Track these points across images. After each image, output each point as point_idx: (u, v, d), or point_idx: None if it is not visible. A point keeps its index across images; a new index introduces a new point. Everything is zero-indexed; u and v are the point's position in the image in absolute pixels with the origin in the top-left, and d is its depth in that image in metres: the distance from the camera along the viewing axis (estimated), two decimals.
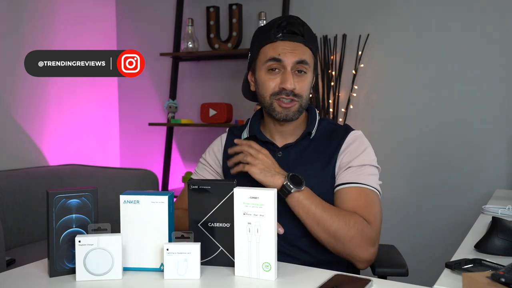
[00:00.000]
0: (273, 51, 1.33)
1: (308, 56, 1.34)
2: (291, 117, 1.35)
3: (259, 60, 1.36)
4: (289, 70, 1.32)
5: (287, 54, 1.32)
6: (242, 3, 2.86)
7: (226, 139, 1.50)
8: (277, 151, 1.39)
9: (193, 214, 1.14)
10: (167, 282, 1.05)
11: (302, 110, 1.36)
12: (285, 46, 1.32)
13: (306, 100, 1.36)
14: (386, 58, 2.56)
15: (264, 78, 1.35)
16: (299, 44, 1.33)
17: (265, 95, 1.35)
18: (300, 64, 1.32)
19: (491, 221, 1.23)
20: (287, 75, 1.31)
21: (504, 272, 0.82)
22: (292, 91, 1.32)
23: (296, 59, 1.32)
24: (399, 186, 2.52)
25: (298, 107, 1.35)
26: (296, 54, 1.32)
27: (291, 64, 1.32)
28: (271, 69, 1.34)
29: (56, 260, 1.08)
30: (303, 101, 1.35)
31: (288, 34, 1.33)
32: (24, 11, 2.72)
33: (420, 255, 2.41)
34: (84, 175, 2.66)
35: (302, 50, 1.33)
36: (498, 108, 2.33)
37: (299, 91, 1.33)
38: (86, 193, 1.09)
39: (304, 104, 1.36)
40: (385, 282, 1.04)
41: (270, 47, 1.34)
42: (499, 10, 2.32)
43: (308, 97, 1.37)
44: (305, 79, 1.34)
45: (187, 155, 3.18)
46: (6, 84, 2.62)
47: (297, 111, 1.35)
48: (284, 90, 1.32)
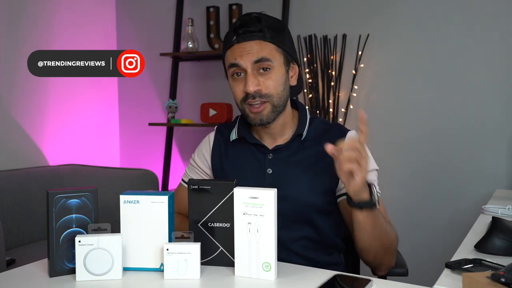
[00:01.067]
0: (231, 57, 1.28)
1: (268, 51, 1.26)
2: (266, 121, 1.28)
3: (226, 67, 1.33)
4: (250, 72, 1.26)
5: (243, 56, 1.25)
6: (242, 3, 2.86)
7: (214, 138, 1.45)
8: (267, 153, 1.34)
9: (193, 214, 1.14)
10: (167, 282, 1.05)
11: (276, 109, 1.28)
12: (240, 49, 1.26)
13: (278, 98, 1.28)
14: (386, 58, 2.56)
15: (231, 85, 1.32)
16: (257, 42, 1.26)
17: (236, 102, 1.32)
18: (260, 63, 1.25)
19: (491, 221, 1.23)
20: (248, 78, 1.25)
21: (504, 272, 0.82)
22: (257, 92, 1.26)
23: (254, 58, 1.25)
24: (399, 186, 2.52)
25: (271, 108, 1.27)
26: (252, 53, 1.25)
27: (250, 66, 1.25)
28: (234, 75, 1.29)
29: (56, 260, 1.08)
30: (275, 100, 1.27)
31: (243, 35, 1.27)
32: (24, 11, 2.72)
33: (420, 255, 2.41)
34: (84, 175, 2.66)
35: (260, 47, 1.26)
36: (498, 108, 2.33)
37: (266, 90, 1.26)
38: (86, 193, 1.09)
39: (277, 103, 1.28)
40: (385, 282, 1.04)
41: (229, 52, 1.30)
42: (499, 10, 2.31)
43: (282, 94, 1.29)
44: (271, 76, 1.26)
45: (187, 155, 3.18)
46: (6, 84, 2.63)
47: (270, 113, 1.28)
48: (249, 94, 1.26)
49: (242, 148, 1.38)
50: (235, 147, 1.40)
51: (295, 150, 1.34)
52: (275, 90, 1.27)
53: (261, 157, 1.34)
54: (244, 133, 1.37)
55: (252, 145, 1.36)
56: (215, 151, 1.43)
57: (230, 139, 1.40)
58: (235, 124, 1.42)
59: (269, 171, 1.32)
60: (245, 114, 1.31)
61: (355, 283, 1.01)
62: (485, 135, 2.36)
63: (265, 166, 1.33)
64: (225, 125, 1.47)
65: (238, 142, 1.39)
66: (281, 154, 1.33)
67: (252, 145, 1.36)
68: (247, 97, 1.27)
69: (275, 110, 1.29)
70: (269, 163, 1.32)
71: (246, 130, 1.38)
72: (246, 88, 1.26)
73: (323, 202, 1.29)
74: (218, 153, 1.42)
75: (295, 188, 1.29)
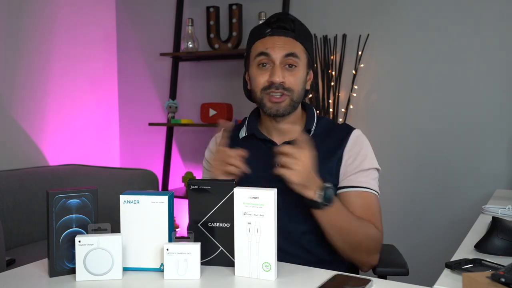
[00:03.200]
0: (262, 46, 1.33)
1: (298, 50, 1.33)
2: (282, 112, 1.33)
3: (251, 56, 1.37)
4: (278, 64, 1.31)
5: (275, 48, 1.31)
6: (242, 3, 2.86)
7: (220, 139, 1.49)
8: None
9: (193, 214, 1.14)
10: (167, 282, 1.05)
11: (294, 105, 1.34)
12: (274, 41, 1.32)
13: (298, 95, 1.34)
14: (386, 58, 2.56)
15: (254, 73, 1.35)
16: (289, 39, 1.33)
17: (256, 90, 1.35)
18: (289, 58, 1.31)
19: (491, 221, 1.23)
20: (276, 69, 1.31)
21: (504, 272, 0.82)
22: (281, 84, 1.31)
23: (285, 52, 1.31)
24: (399, 186, 2.52)
25: (289, 102, 1.33)
26: (284, 48, 1.31)
27: (280, 58, 1.31)
28: (261, 64, 1.33)
29: (56, 260, 1.07)
30: (294, 96, 1.33)
31: (278, 29, 1.33)
32: (24, 12, 2.72)
33: (420, 255, 2.41)
34: (84, 175, 2.66)
35: (292, 44, 1.33)
36: (498, 108, 2.33)
37: (289, 84, 1.31)
38: (86, 193, 1.09)
39: (295, 99, 1.34)
40: (385, 282, 1.04)
41: (260, 42, 1.34)
42: (499, 10, 2.31)
43: (301, 93, 1.36)
44: (296, 73, 1.33)
45: (187, 155, 3.18)
46: (6, 84, 2.63)
47: (288, 106, 1.33)
48: (273, 84, 1.31)
49: (251, 143, 1.42)
50: (244, 144, 1.42)
51: None
52: (297, 86, 1.33)
53: (270, 151, 1.37)
54: (254, 130, 1.42)
55: (261, 141, 1.40)
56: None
57: (239, 136, 1.45)
58: (244, 123, 1.47)
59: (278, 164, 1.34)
60: (262, 103, 1.35)
61: (355, 283, 1.01)
62: (485, 135, 2.36)
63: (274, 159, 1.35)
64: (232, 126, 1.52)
65: (247, 139, 1.43)
66: None
67: (261, 141, 1.40)
68: (269, 87, 1.32)
69: (292, 104, 1.34)
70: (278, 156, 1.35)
71: (255, 127, 1.43)
72: (273, 78, 1.30)
73: None
74: None
75: None
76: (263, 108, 1.35)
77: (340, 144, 1.36)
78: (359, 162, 1.34)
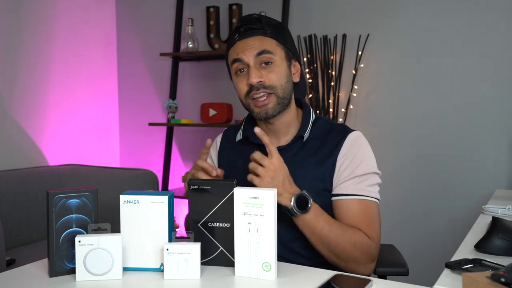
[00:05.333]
0: (234, 53, 1.32)
1: (270, 45, 1.30)
2: (271, 113, 1.30)
3: (229, 66, 1.36)
4: (252, 65, 1.28)
5: (245, 51, 1.29)
6: (242, 3, 2.86)
7: (220, 141, 1.49)
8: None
9: (193, 214, 1.14)
10: (167, 282, 1.05)
11: (281, 101, 1.30)
12: (243, 44, 1.30)
13: (282, 90, 1.30)
14: (386, 58, 2.56)
15: (235, 81, 1.34)
16: (257, 37, 1.30)
17: (241, 98, 1.33)
18: (262, 56, 1.28)
19: (491, 221, 1.23)
20: (251, 71, 1.28)
21: (504, 272, 0.82)
22: (261, 84, 1.28)
23: (255, 51, 1.28)
24: (399, 186, 2.52)
25: (276, 100, 1.29)
26: (254, 47, 1.29)
27: (253, 59, 1.28)
28: (238, 71, 1.32)
29: (56, 260, 1.07)
30: (279, 92, 1.29)
31: (245, 32, 1.31)
32: (24, 12, 2.72)
33: (420, 255, 2.41)
34: (84, 175, 2.66)
35: (261, 42, 1.30)
36: (498, 108, 2.33)
37: (269, 82, 1.28)
38: (86, 193, 1.09)
39: (281, 95, 1.30)
40: (385, 282, 1.04)
41: (232, 50, 1.33)
42: (499, 10, 2.32)
43: (286, 87, 1.31)
44: (273, 69, 1.29)
45: (187, 155, 3.18)
46: (6, 84, 2.63)
47: (276, 105, 1.29)
48: (253, 86, 1.28)
49: (246, 148, 1.39)
50: (240, 148, 1.42)
51: (296, 151, 1.34)
52: (279, 81, 1.30)
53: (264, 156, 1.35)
54: (248, 133, 1.39)
55: (255, 145, 1.37)
56: (222, 152, 1.47)
57: (236, 140, 1.43)
58: (241, 126, 1.45)
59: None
60: (250, 109, 1.33)
61: (355, 283, 1.01)
62: (485, 135, 2.36)
63: None
64: (231, 128, 1.51)
65: (243, 143, 1.42)
66: (283, 155, 1.32)
67: (255, 145, 1.37)
68: (250, 90, 1.29)
69: (280, 102, 1.30)
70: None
71: (250, 130, 1.39)
72: (250, 80, 1.28)
73: (322, 202, 1.29)
74: (225, 154, 1.46)
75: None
76: (253, 114, 1.34)
77: (335, 148, 1.31)
78: (353, 168, 1.29)
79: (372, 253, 1.25)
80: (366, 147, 1.34)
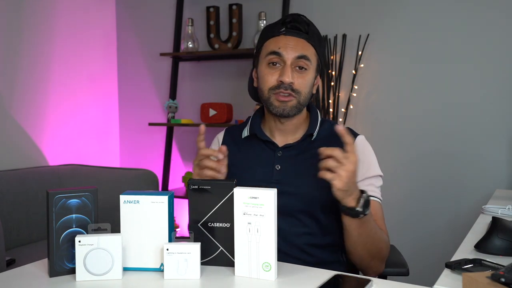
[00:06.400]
0: (275, 45, 1.32)
1: (310, 53, 1.32)
2: (287, 112, 1.32)
3: (262, 54, 1.36)
4: (289, 64, 1.30)
5: (288, 48, 1.30)
6: (242, 3, 2.86)
7: (223, 138, 1.49)
8: (277, 151, 1.37)
9: (193, 214, 1.14)
10: (167, 282, 1.05)
11: (300, 107, 1.33)
12: (287, 41, 1.31)
13: (305, 98, 1.33)
14: (386, 58, 2.56)
15: (264, 71, 1.34)
16: (302, 40, 1.32)
17: (264, 89, 1.34)
18: (301, 60, 1.30)
19: (491, 221, 1.23)
20: (286, 69, 1.30)
21: (504, 272, 0.82)
22: (290, 85, 1.30)
23: (297, 54, 1.30)
24: (399, 186, 2.52)
25: (296, 103, 1.32)
26: (297, 49, 1.30)
27: (291, 59, 1.30)
28: (271, 63, 1.32)
29: (56, 260, 1.07)
30: (301, 98, 1.32)
31: (291, 30, 1.32)
32: (24, 11, 2.72)
33: (420, 255, 2.41)
34: (84, 175, 2.66)
35: (304, 46, 1.32)
36: (498, 108, 2.33)
37: (297, 86, 1.31)
38: (86, 193, 1.09)
39: (302, 101, 1.33)
40: (385, 282, 1.04)
41: (273, 41, 1.33)
42: (499, 9, 2.32)
43: (308, 96, 1.35)
44: (305, 76, 1.32)
45: (187, 155, 3.18)
46: (6, 84, 2.63)
47: (294, 107, 1.32)
48: (282, 84, 1.29)
49: (252, 144, 1.41)
50: (246, 144, 1.43)
51: (304, 149, 1.37)
52: (305, 89, 1.33)
53: (271, 154, 1.37)
54: (256, 130, 1.41)
55: (262, 142, 1.39)
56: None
57: (242, 136, 1.44)
58: (248, 122, 1.46)
59: (278, 167, 1.35)
60: (269, 102, 1.33)
61: (355, 283, 1.01)
62: (485, 135, 2.36)
63: (274, 162, 1.36)
64: (235, 126, 1.51)
65: (249, 139, 1.43)
66: (290, 152, 1.37)
67: (263, 142, 1.39)
68: (278, 86, 1.30)
69: (298, 107, 1.33)
70: (278, 160, 1.35)
71: (258, 127, 1.41)
72: (283, 78, 1.29)
73: (328, 200, 1.30)
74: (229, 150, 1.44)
75: (302, 185, 1.32)
76: (270, 107, 1.34)
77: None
78: (365, 170, 1.33)
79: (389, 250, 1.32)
80: (372, 150, 1.40)
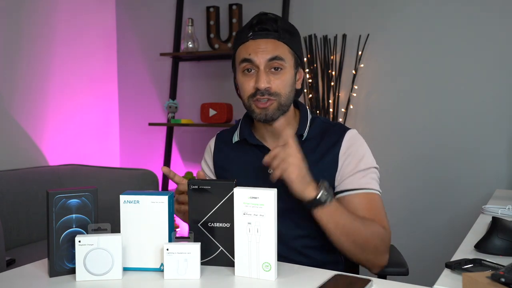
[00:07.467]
0: (245, 52, 1.30)
1: (282, 51, 1.29)
2: (270, 117, 1.30)
3: (236, 62, 1.35)
4: (262, 69, 1.28)
5: (258, 53, 1.28)
6: (242, 3, 2.86)
7: (214, 145, 1.48)
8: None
9: (193, 214, 1.14)
10: (167, 282, 1.05)
11: (282, 108, 1.31)
12: (255, 45, 1.29)
13: (286, 98, 1.31)
14: (386, 58, 2.56)
15: (241, 80, 1.33)
16: (271, 40, 1.29)
17: (244, 97, 1.33)
18: (274, 61, 1.28)
19: (491, 221, 1.23)
20: (260, 75, 1.27)
21: (504, 272, 0.82)
22: (267, 90, 1.27)
23: (268, 56, 1.27)
24: (399, 186, 2.52)
25: (277, 105, 1.29)
26: (267, 51, 1.28)
27: (264, 63, 1.28)
28: (245, 70, 1.31)
29: (56, 260, 1.07)
30: (282, 99, 1.30)
31: (259, 32, 1.30)
32: (24, 11, 2.72)
33: (420, 255, 2.41)
34: (84, 175, 2.66)
35: (275, 46, 1.29)
36: (498, 108, 2.33)
37: (275, 89, 1.28)
38: (86, 193, 1.09)
39: (284, 102, 1.30)
40: (385, 282, 1.04)
41: (243, 48, 1.32)
42: (499, 9, 2.32)
43: (290, 94, 1.32)
44: (282, 76, 1.29)
45: (187, 155, 3.18)
46: (6, 84, 2.63)
47: (276, 110, 1.30)
48: (259, 90, 1.27)
49: (244, 149, 1.40)
50: (237, 149, 1.41)
51: None
52: (284, 90, 1.30)
53: (263, 158, 1.35)
54: (246, 135, 1.39)
55: (254, 146, 1.37)
56: (217, 156, 1.46)
57: (232, 141, 1.42)
58: (237, 127, 1.44)
59: (271, 171, 1.33)
60: (250, 109, 1.32)
61: (355, 283, 1.01)
62: (485, 135, 2.36)
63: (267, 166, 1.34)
64: (225, 131, 1.50)
65: (240, 144, 1.41)
66: None
67: (254, 146, 1.37)
68: (256, 93, 1.29)
69: (281, 108, 1.31)
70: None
71: (247, 131, 1.39)
72: (258, 84, 1.27)
73: None
74: (220, 157, 1.45)
75: None
76: (252, 114, 1.33)
77: (334, 147, 1.32)
78: (355, 164, 1.31)
79: (387, 242, 1.27)
80: (364, 143, 1.37)
